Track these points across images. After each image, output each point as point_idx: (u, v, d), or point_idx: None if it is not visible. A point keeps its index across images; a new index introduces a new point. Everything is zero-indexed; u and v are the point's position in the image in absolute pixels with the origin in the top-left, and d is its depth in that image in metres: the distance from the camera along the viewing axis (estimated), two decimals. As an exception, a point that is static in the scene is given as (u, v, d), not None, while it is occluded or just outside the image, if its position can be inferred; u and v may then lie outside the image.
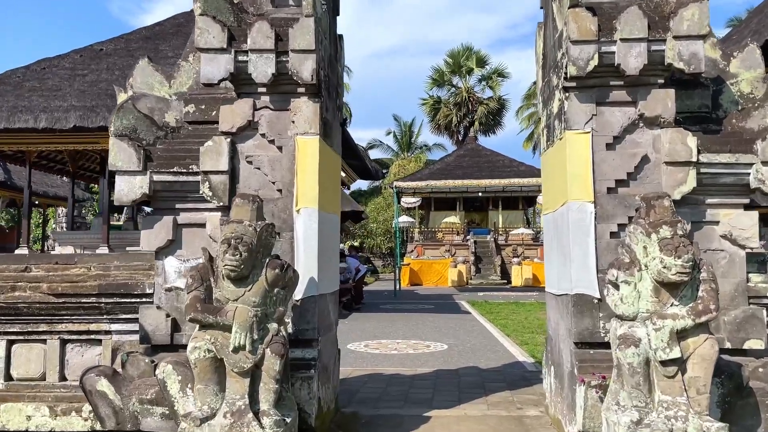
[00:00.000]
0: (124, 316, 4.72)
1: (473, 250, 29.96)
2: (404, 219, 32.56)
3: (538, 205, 30.50)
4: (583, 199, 4.35)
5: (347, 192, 22.90)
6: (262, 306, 3.74)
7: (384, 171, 57.89)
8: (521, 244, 30.65)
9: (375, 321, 12.39)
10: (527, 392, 6.19)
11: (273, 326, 3.78)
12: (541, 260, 29.26)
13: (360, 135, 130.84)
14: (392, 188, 21.80)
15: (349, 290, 14.61)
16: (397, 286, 23.39)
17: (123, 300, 4.66)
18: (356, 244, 45.57)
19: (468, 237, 31.29)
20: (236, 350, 3.63)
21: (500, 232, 31.97)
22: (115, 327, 4.76)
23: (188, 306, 3.70)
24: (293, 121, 4.51)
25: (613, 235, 4.37)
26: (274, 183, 4.52)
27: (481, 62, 50.46)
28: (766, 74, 4.61)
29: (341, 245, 24.88)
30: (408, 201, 31.70)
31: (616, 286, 3.81)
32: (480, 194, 30.24)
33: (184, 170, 4.49)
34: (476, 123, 48.00)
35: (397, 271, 23.93)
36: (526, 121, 63.21)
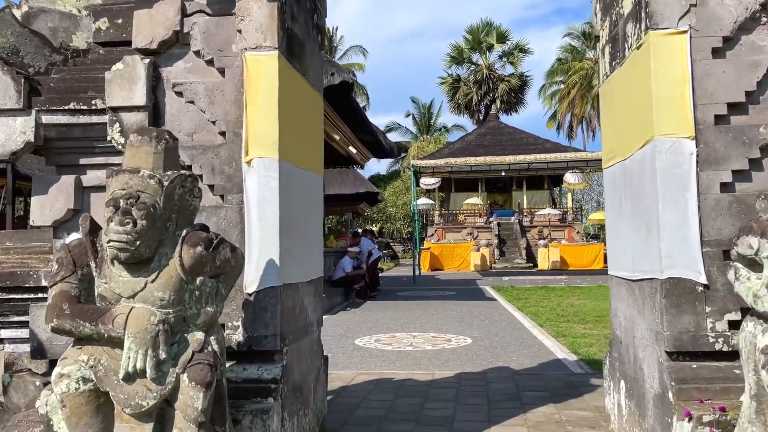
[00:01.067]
0: (16, 319, 3.36)
1: (497, 233, 28.39)
2: (423, 201, 31.09)
3: (566, 185, 28.82)
4: (677, 133, 2.86)
5: (361, 172, 21.48)
6: (175, 305, 2.33)
7: (403, 154, 56.48)
8: (547, 226, 28.99)
9: (390, 310, 11.00)
10: (577, 405, 4.74)
11: (195, 337, 2.37)
12: (569, 242, 27.60)
13: (379, 120, 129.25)
14: (410, 169, 20.31)
15: (362, 276, 13.24)
16: (417, 272, 21.98)
17: (12, 296, 3.30)
18: (374, 228, 44.29)
19: (491, 219, 29.71)
20: (129, 378, 2.24)
21: (525, 214, 30.32)
22: (6, 333, 3.41)
23: (50, 307, 2.31)
24: (240, 30, 3.07)
25: (725, 187, 2.87)
26: (214, 123, 3.10)
27: (502, 38, 48.50)
28: None
29: (357, 229, 23.55)
30: (427, 182, 30.17)
31: (753, 264, 2.33)
32: (503, 173, 28.60)
33: (86, 107, 3.09)
34: (497, 101, 46.12)
35: (416, 256, 22.50)
36: (549, 101, 61.15)
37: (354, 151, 14.44)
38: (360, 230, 18.48)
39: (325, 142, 13.95)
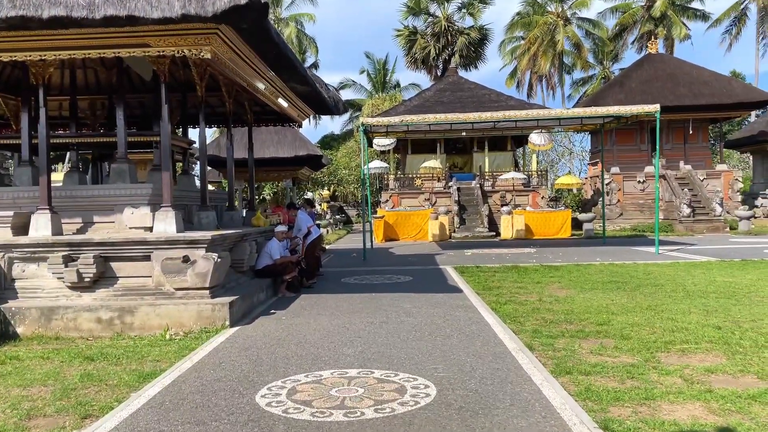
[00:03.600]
0: None
1: (456, 199, 26.03)
2: (376, 164, 28.39)
3: (530, 146, 26.52)
4: None
5: (300, 131, 18.56)
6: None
7: (357, 113, 53.33)
8: (511, 191, 26.80)
9: (327, 313, 8.42)
10: None
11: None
12: (534, 209, 25.47)
13: (332, 78, 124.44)
14: (360, 129, 17.55)
15: (296, 263, 10.58)
16: (369, 245, 19.44)
17: None
18: (325, 192, 41.43)
19: (450, 183, 27.31)
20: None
21: (486, 177, 28.04)
22: None
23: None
24: None
25: None
26: None
27: (462, -14, 45.39)
28: None
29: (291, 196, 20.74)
30: (381, 143, 27.43)
31: None
32: (463, 134, 26.05)
33: None
34: (456, 55, 43.28)
35: (369, 228, 19.90)
36: (509, 56, 58.85)
37: (285, 104, 11.58)
38: (301, 202, 15.64)
39: (249, 94, 11.03)
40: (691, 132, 29.23)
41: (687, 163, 29.00)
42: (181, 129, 13.36)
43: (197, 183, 11.49)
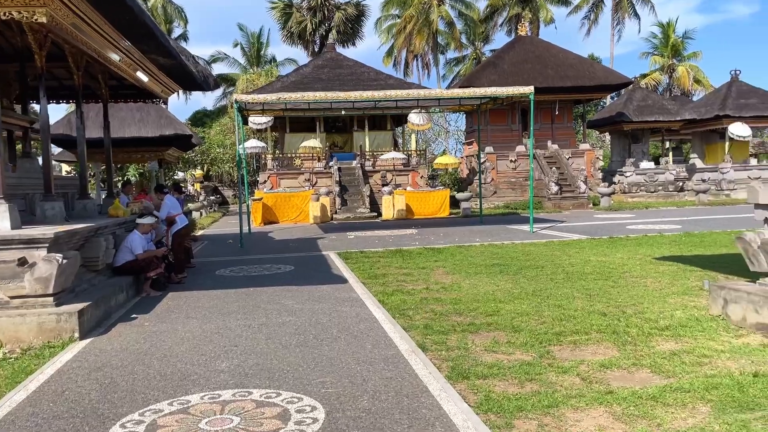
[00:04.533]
0: None
1: (338, 179, 25.49)
2: (253, 143, 27.10)
3: (410, 125, 26.51)
4: None
5: (166, 107, 17.02)
6: None
7: (231, 88, 50.87)
8: (392, 170, 26.68)
9: (198, 316, 7.54)
10: None
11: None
12: (414, 188, 25.55)
13: (203, 51, 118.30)
14: (234, 105, 16.36)
15: (163, 257, 9.49)
16: (247, 229, 18.42)
17: None
18: (197, 172, 39.17)
19: (331, 163, 26.70)
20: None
21: (367, 157, 27.71)
22: None
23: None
24: None
25: None
26: None
27: (338, -41, 44.38)
28: None
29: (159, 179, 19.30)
30: (257, 121, 26.16)
31: None
32: (343, 112, 25.44)
33: None
34: (333, 31, 42.37)
35: (244, 210, 18.82)
36: (386, 34, 58.82)
37: (145, 78, 10.30)
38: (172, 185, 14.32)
39: (102, 66, 9.61)
40: (557, 113, 30.68)
41: (554, 143, 30.46)
42: (21, 104, 11.59)
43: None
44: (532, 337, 5.96)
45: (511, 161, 29.62)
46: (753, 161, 33.28)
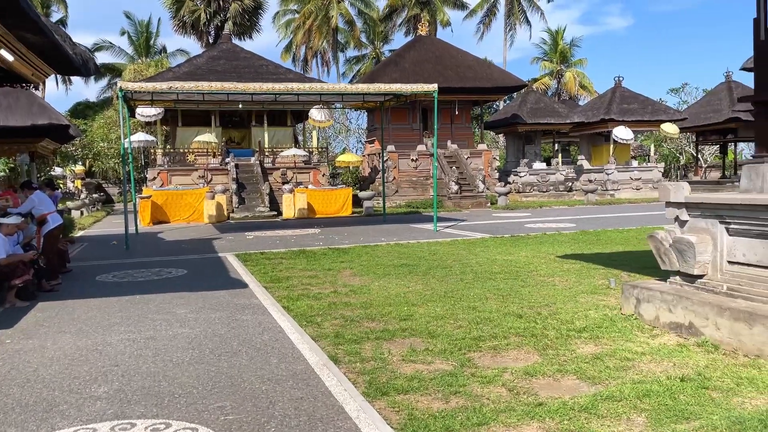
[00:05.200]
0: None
1: (235, 176, 24.34)
2: (141, 137, 25.29)
3: (311, 121, 25.78)
4: None
5: (38, 94, 15.30)
6: None
7: (116, 79, 47.60)
8: (292, 168, 25.88)
9: (71, 335, 6.54)
10: None
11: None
12: (315, 187, 24.91)
13: (86, 39, 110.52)
14: (119, 94, 14.97)
15: (31, 262, 8.30)
16: (134, 229, 17.04)
17: None
18: (77, 168, 36.24)
19: (227, 160, 25.48)
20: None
21: (267, 154, 26.71)
22: None
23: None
24: None
25: None
26: None
27: (234, -52, 42.73)
28: None
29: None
30: (146, 113, 24.35)
31: None
32: (240, 106, 24.30)
33: None
34: (229, 22, 40.72)
35: (132, 210, 17.38)
36: (284, 29, 57.57)
37: (10, 58, 8.99)
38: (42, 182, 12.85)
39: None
40: (456, 113, 31.14)
41: (453, 143, 30.89)
42: None
43: None
44: (451, 344, 5.60)
45: (413, 160, 29.70)
46: (634, 163, 35.52)
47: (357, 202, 25.61)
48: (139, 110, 21.05)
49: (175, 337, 6.12)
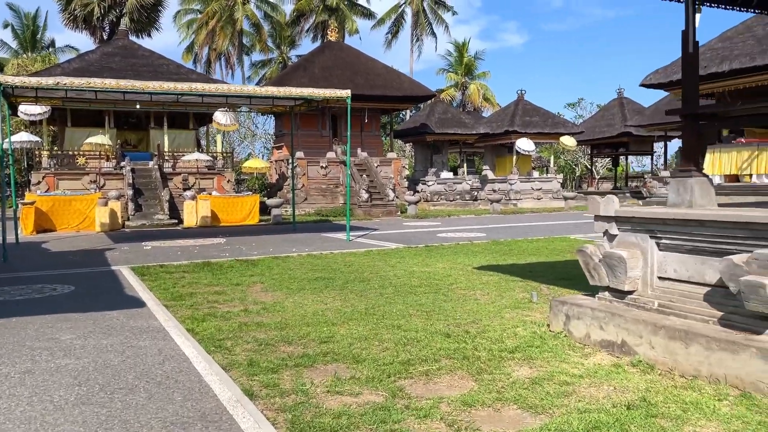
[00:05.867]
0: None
1: (131, 181, 22.71)
2: (24, 137, 23.05)
3: (215, 125, 24.59)
4: None
5: None
6: None
7: (-4, 73, 43.56)
8: (195, 173, 24.55)
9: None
10: None
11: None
12: (220, 193, 23.76)
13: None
14: (-2, 88, 13.37)
15: None
16: (14, 239, 15.34)
17: None
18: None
19: (123, 163, 23.77)
20: None
21: (166, 158, 25.20)
22: None
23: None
24: None
25: None
26: None
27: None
28: None
29: None
30: (30, 111, 22.22)
31: None
32: (138, 107, 22.71)
33: None
34: (126, 18, 38.38)
35: (10, 219, 15.63)
36: (186, 29, 55.27)
37: None
38: None
39: None
40: (366, 121, 30.92)
41: (363, 151, 30.62)
42: None
43: None
44: (378, 370, 5.13)
45: (322, 167, 29.12)
46: (535, 174, 36.83)
47: (264, 209, 24.69)
48: (22, 108, 19.13)
49: (57, 371, 5.23)
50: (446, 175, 33.62)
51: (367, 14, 55.19)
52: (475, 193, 33.10)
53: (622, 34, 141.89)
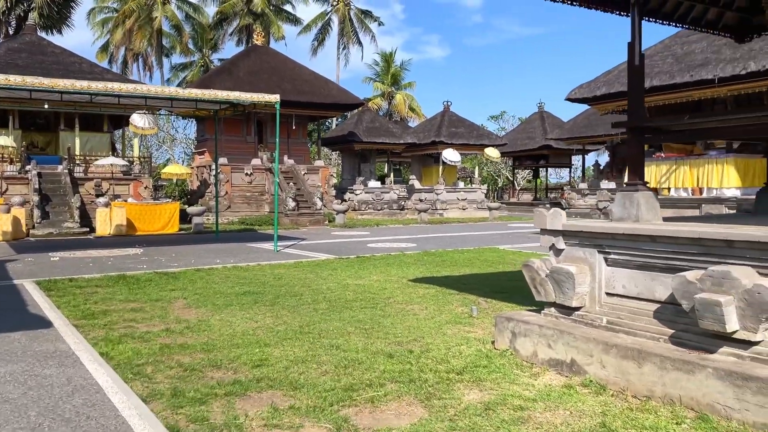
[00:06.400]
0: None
1: (37, 187, 21.06)
2: None
3: (132, 128, 23.30)
4: None
5: None
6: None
7: None
8: (109, 179, 23.13)
9: None
10: None
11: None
12: (137, 201, 22.47)
13: None
14: None
15: None
16: None
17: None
18: None
19: (28, 167, 22.03)
20: None
21: (78, 162, 23.61)
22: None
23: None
24: None
25: None
26: None
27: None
28: None
29: None
30: None
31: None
32: (46, 106, 21.14)
33: None
34: (35, 13, 35.92)
35: None
36: (100, 28, 52.63)
37: None
38: None
39: None
40: (294, 127, 30.29)
41: (290, 158, 29.96)
42: None
43: None
44: (319, 397, 4.71)
45: (247, 174, 28.23)
46: (461, 184, 37.32)
47: (185, 217, 23.57)
48: None
49: (-59, 410, 4.48)
50: (374, 184, 33.45)
51: (293, 20, 54.47)
52: (403, 203, 33.10)
53: (540, 51, 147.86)
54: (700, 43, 14.43)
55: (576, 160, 44.68)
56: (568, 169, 49.49)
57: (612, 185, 31.17)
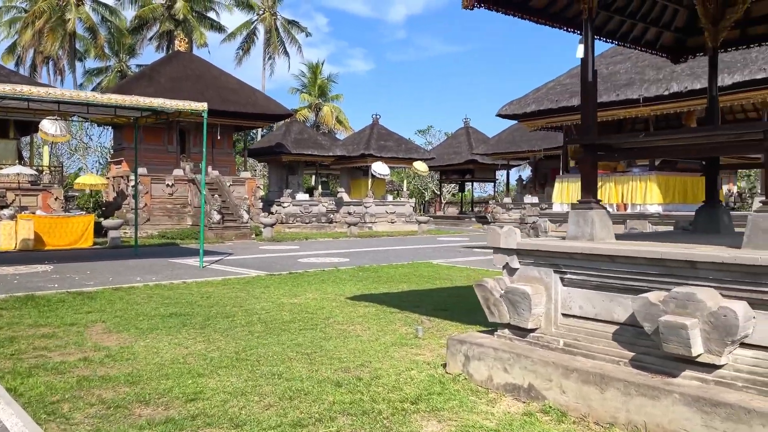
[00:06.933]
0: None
1: (-69, 197, 19.13)
2: None
3: (42, 135, 21.69)
4: None
5: None
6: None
7: None
8: (15, 189, 21.42)
9: None
10: None
11: None
12: (46, 213, 20.91)
13: None
14: None
15: None
16: None
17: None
18: None
19: None
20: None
21: (-21, 170, 21.73)
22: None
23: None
24: None
25: None
26: None
27: None
28: None
29: None
30: None
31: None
32: (-57, 110, 19.33)
33: None
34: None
35: None
36: (7, 28, 49.50)
37: None
38: None
39: None
40: (219, 137, 29.28)
41: (215, 169, 28.92)
42: None
43: None
44: (265, 436, 4.26)
45: (168, 185, 26.96)
46: (389, 197, 37.32)
47: (99, 231, 22.13)
48: None
49: None
50: (302, 197, 32.85)
51: (217, 27, 53.13)
52: (331, 216, 32.67)
53: (463, 68, 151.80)
54: (624, 63, 14.98)
55: (500, 174, 45.77)
56: (493, 183, 50.65)
57: (535, 200, 32.05)
